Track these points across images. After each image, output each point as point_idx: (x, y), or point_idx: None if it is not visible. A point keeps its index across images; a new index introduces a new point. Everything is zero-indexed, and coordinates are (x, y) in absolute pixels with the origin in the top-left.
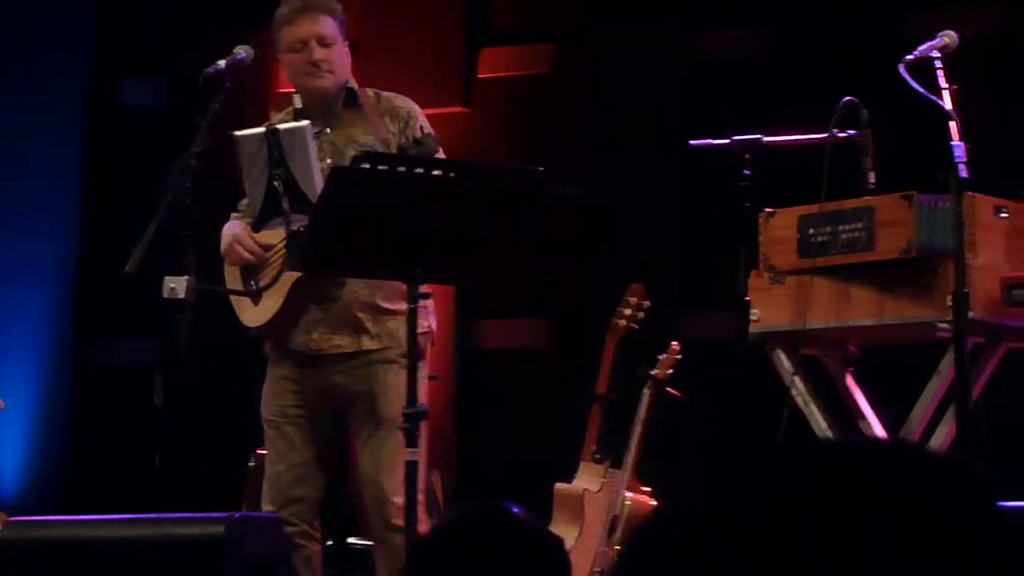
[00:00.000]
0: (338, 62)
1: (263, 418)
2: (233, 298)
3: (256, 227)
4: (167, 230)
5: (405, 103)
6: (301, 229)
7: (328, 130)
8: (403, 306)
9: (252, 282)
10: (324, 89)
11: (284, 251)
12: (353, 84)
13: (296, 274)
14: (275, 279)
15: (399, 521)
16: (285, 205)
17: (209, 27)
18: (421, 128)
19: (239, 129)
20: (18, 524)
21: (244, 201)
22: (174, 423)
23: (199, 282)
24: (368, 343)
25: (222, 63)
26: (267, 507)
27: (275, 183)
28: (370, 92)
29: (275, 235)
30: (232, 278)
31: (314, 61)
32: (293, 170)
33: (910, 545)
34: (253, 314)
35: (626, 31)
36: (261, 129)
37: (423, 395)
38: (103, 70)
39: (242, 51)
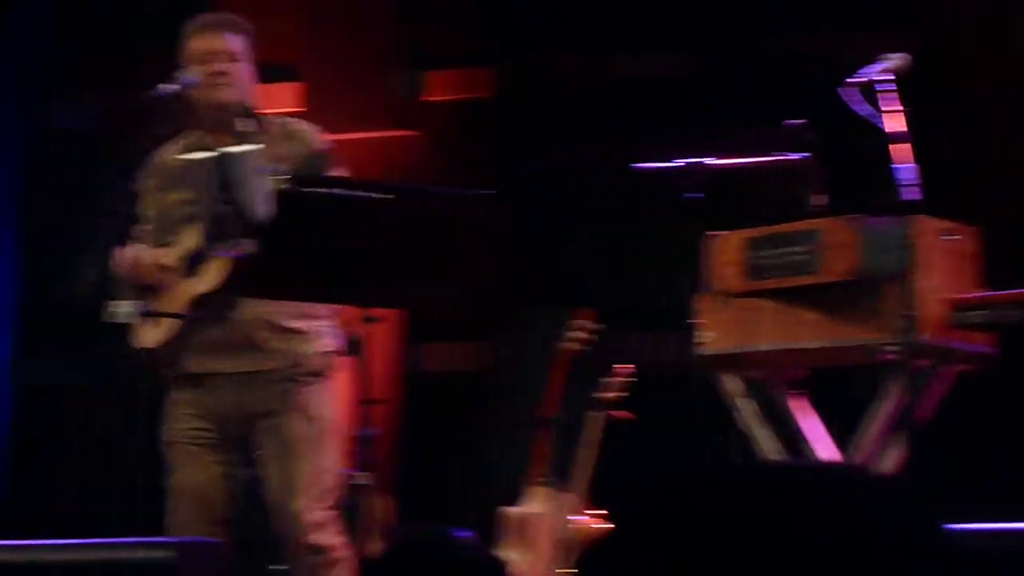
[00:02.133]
0: (240, 78)
1: (163, 442)
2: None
3: (207, 250)
4: (109, 251)
5: (306, 126)
6: (200, 249)
7: (224, 149)
8: (305, 324)
9: (146, 303)
10: (226, 101)
11: (180, 273)
12: (254, 104)
13: (193, 294)
14: (169, 301)
15: (313, 539)
16: (232, 228)
17: (144, 48)
18: (317, 147)
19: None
20: None
21: (139, 226)
22: (117, 444)
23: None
24: (265, 362)
25: (176, 85)
26: (173, 531)
27: (223, 207)
28: (276, 119)
29: (169, 254)
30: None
31: (217, 72)
32: (240, 194)
33: (854, 566)
34: (151, 335)
35: (564, 52)
36: (208, 154)
37: (328, 411)
38: (39, 94)
39: (195, 75)
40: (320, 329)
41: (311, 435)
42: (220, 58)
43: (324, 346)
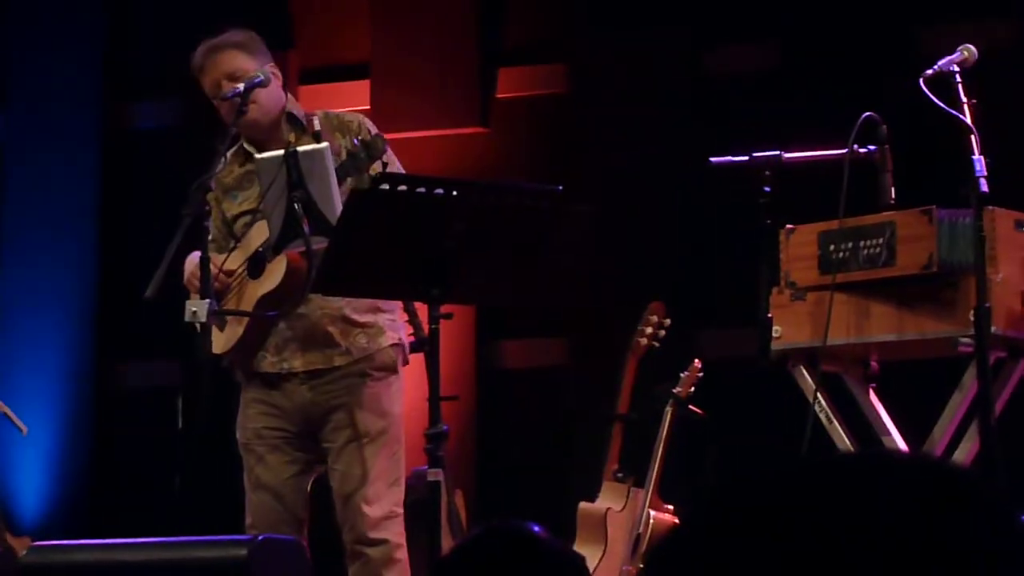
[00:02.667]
0: (257, 94)
1: (239, 444)
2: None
3: (276, 249)
4: (187, 253)
5: (354, 116)
6: (261, 248)
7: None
8: (373, 319)
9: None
10: (253, 123)
11: (244, 276)
12: (293, 108)
13: (258, 295)
14: (238, 303)
15: (373, 534)
16: (305, 227)
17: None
18: (368, 131)
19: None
20: (42, 549)
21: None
22: (196, 446)
23: (220, 305)
24: (339, 359)
25: (241, 86)
26: (254, 529)
27: (295, 205)
28: (319, 112)
29: (235, 260)
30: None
31: (229, 99)
32: (312, 192)
33: (933, 560)
34: (220, 341)
35: (638, 48)
36: (280, 152)
37: (397, 406)
38: (116, 95)
39: (260, 74)
40: (388, 323)
41: (380, 430)
42: (230, 81)
43: (391, 340)
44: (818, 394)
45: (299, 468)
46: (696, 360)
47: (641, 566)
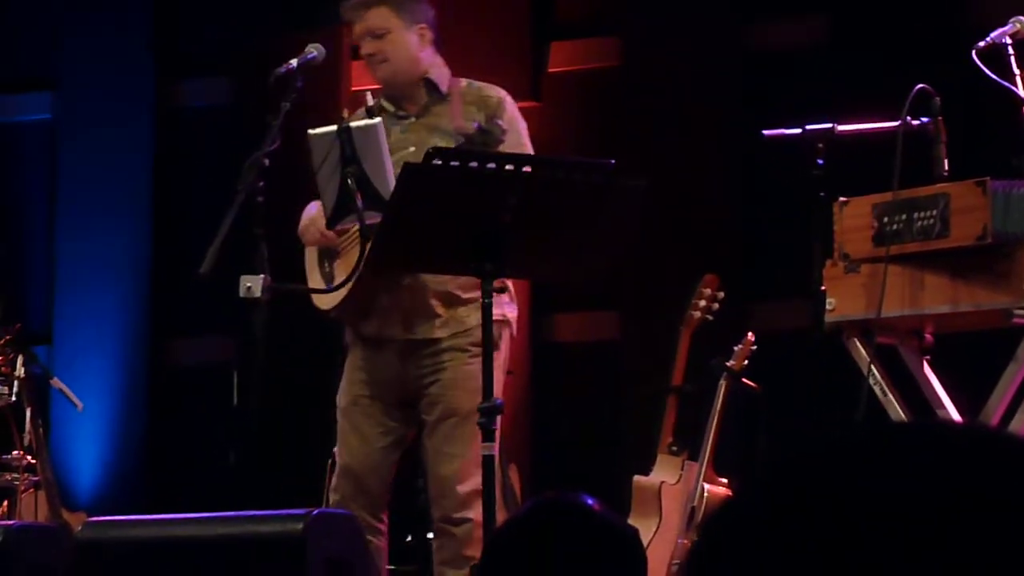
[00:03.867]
0: (393, 52)
1: (338, 407)
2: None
3: (329, 224)
4: (241, 229)
5: (496, 92)
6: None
7: (414, 118)
8: (476, 294)
9: (326, 263)
10: (384, 81)
11: (357, 235)
12: (435, 74)
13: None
14: (347, 264)
15: (460, 512)
16: (358, 202)
17: (271, 27)
18: (499, 120)
19: (311, 127)
20: (98, 524)
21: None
22: (251, 421)
23: (275, 280)
24: (438, 331)
25: (294, 62)
26: (334, 496)
27: (348, 180)
28: (463, 82)
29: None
30: (310, 259)
31: (367, 54)
32: (366, 167)
33: (990, 530)
34: (327, 298)
35: (689, 22)
36: (333, 127)
37: (498, 388)
38: (167, 72)
39: (313, 50)
40: (499, 299)
41: (473, 408)
42: (370, 36)
43: (495, 315)
44: (872, 366)
45: (392, 439)
46: (749, 333)
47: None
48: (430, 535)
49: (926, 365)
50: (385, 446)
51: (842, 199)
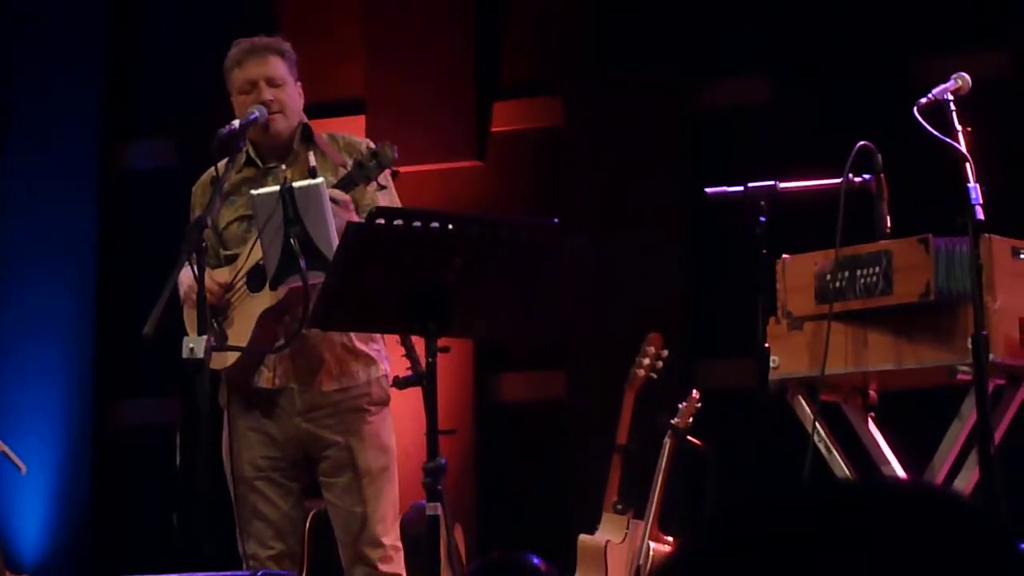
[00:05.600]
0: (288, 102)
1: (231, 475)
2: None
3: (272, 284)
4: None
5: (363, 139)
6: (261, 262)
7: (283, 166)
8: (366, 348)
9: (214, 322)
10: (277, 130)
11: (244, 290)
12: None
13: (261, 309)
14: (239, 317)
15: (387, 568)
16: (301, 262)
17: (215, 88)
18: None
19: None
20: None
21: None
22: (195, 483)
23: (218, 341)
24: (335, 383)
25: (236, 123)
26: (254, 562)
27: (291, 240)
28: (325, 134)
29: (224, 272)
30: (190, 318)
31: (263, 102)
32: (308, 227)
33: None
34: (219, 358)
35: (632, 82)
36: (276, 188)
37: (393, 439)
38: (112, 135)
39: (255, 111)
40: (378, 353)
41: (383, 465)
42: (267, 84)
43: (383, 370)
44: (817, 424)
45: (294, 500)
46: (695, 391)
47: None
48: None
49: (871, 422)
50: (292, 506)
51: (785, 256)
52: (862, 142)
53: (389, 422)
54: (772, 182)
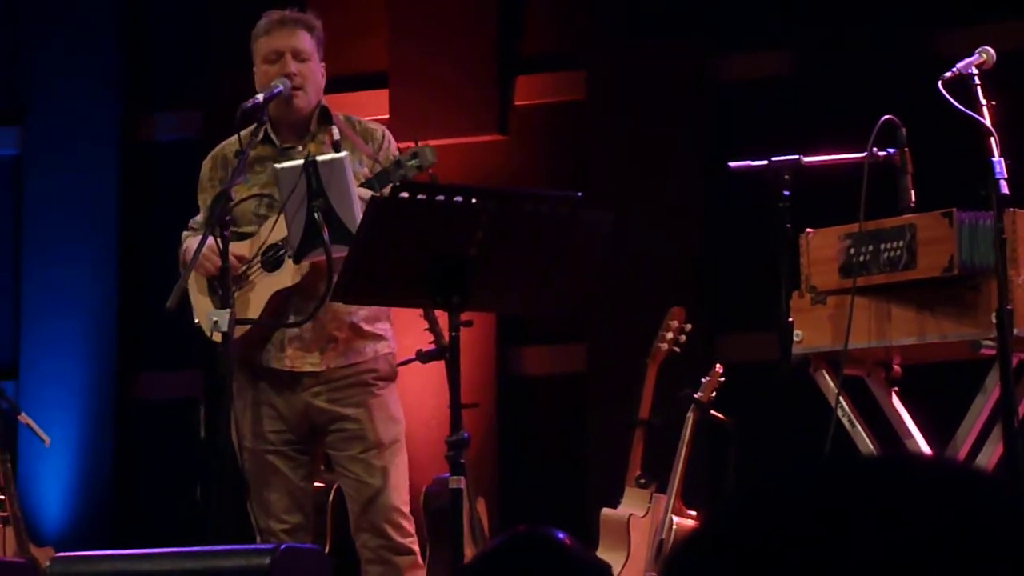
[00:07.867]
0: (311, 78)
1: (241, 446)
2: (201, 313)
3: (296, 258)
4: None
5: (378, 126)
6: (280, 243)
7: (300, 147)
8: (374, 328)
9: (220, 290)
10: (299, 105)
11: (259, 264)
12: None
13: (273, 290)
14: (250, 293)
15: (402, 540)
16: (325, 235)
17: (240, 61)
18: (394, 154)
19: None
20: (65, 560)
21: (197, 218)
22: (218, 455)
23: (231, 293)
24: (335, 360)
25: (260, 96)
26: (269, 535)
27: (315, 214)
28: (342, 116)
29: (245, 246)
30: (197, 286)
31: (287, 74)
32: (332, 201)
33: (955, 566)
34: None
35: (655, 55)
36: (300, 161)
37: (401, 411)
38: (136, 107)
39: (279, 84)
40: (386, 332)
41: (394, 437)
42: (294, 56)
43: (390, 348)
44: (840, 398)
45: (304, 472)
46: (717, 365)
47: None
48: None
49: (894, 396)
50: (303, 478)
51: (808, 231)
52: (886, 116)
53: (396, 395)
54: (796, 156)
